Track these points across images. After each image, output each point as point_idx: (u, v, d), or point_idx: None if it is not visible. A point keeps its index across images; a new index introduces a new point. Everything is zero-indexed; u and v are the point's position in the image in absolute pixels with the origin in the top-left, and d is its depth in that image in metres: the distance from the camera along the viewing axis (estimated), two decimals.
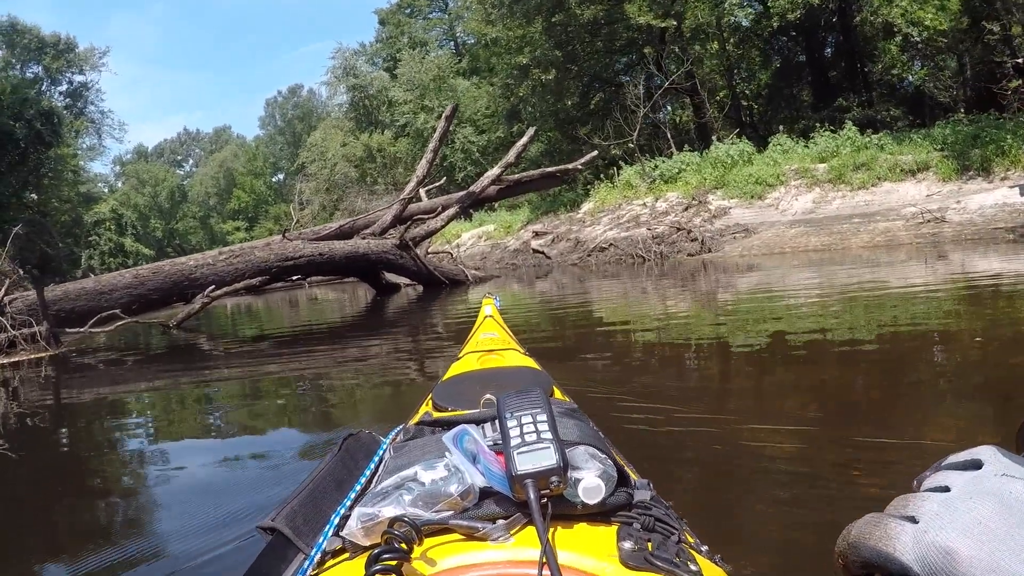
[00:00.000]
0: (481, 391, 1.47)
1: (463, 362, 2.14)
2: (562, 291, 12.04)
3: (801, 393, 3.66)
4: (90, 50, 44.02)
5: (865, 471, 2.35)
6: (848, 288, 7.84)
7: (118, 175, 73.61)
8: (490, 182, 14.04)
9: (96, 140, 46.26)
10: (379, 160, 41.93)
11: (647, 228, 17.68)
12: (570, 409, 1.19)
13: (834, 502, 2.14)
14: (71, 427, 4.80)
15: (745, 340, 5.36)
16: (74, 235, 41.61)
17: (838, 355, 4.48)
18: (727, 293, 9.04)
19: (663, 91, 23.87)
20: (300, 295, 18.88)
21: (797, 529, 2.03)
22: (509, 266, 19.75)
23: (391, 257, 11.99)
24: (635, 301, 9.33)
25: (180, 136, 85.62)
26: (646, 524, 0.94)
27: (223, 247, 13.72)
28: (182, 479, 3.24)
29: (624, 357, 5.21)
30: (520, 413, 0.98)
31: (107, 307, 9.25)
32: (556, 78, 25.43)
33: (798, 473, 2.43)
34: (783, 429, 2.94)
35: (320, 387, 5.38)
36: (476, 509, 0.93)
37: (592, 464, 0.96)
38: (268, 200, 65.98)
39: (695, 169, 20.38)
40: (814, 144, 19.23)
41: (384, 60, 48.00)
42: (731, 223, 17.45)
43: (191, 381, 6.34)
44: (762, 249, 15.38)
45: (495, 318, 2.82)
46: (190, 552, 2.21)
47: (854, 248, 13.86)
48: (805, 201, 17.54)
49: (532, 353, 2.35)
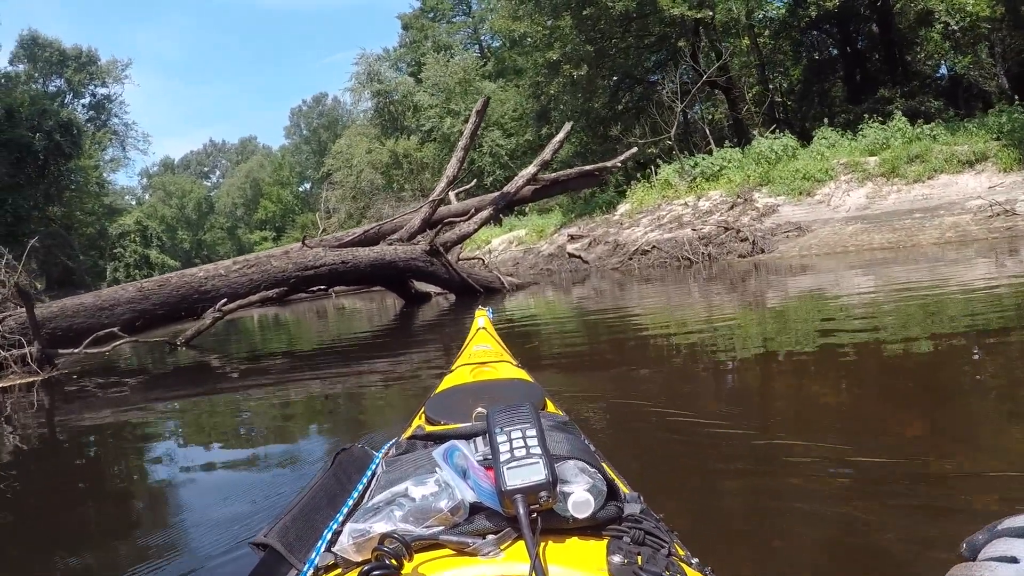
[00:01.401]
0: (473, 404, 1.47)
1: (456, 375, 2.13)
2: (602, 297, 11.13)
3: (856, 411, 3.35)
4: (112, 62, 44.06)
5: (907, 495, 2.13)
6: (923, 289, 7.02)
7: (145, 187, 73.92)
8: (525, 182, 13.00)
9: (120, 152, 46.15)
10: (405, 166, 41.24)
11: (691, 229, 16.58)
12: (561, 423, 1.21)
13: (871, 528, 1.95)
14: (44, 463, 4.24)
15: (804, 348, 4.96)
16: (99, 247, 41.33)
17: (910, 366, 4.05)
18: (789, 298, 8.10)
19: (699, 86, 22.92)
20: (327, 305, 18.03)
21: (829, 551, 1.91)
22: (544, 272, 18.74)
23: (420, 264, 10.95)
24: (681, 307, 8.48)
25: (206, 147, 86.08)
26: (636, 538, 0.94)
27: (238, 257, 12.78)
28: (174, 498, 3.19)
29: (668, 367, 4.88)
30: (510, 428, 0.99)
31: (108, 324, 8.32)
32: (588, 75, 24.42)
33: (836, 495, 2.22)
34: (837, 448, 2.61)
35: (340, 414, 4.76)
36: (466, 524, 0.94)
37: (581, 478, 0.98)
38: (295, 209, 65.92)
39: (737, 166, 19.42)
40: (862, 136, 18.36)
41: (408, 65, 47.54)
42: (781, 221, 16.52)
43: (195, 406, 5.67)
44: (820, 248, 14.32)
45: (488, 330, 2.77)
46: (182, 568, 2.17)
47: (924, 245, 12.82)
48: (858, 196, 16.54)
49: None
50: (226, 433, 4.54)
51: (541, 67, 26.33)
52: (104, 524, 2.98)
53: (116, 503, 3.26)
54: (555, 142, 13.35)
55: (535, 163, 13.18)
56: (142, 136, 53.92)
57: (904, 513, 2.00)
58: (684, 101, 22.35)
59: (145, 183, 74.59)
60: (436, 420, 1.55)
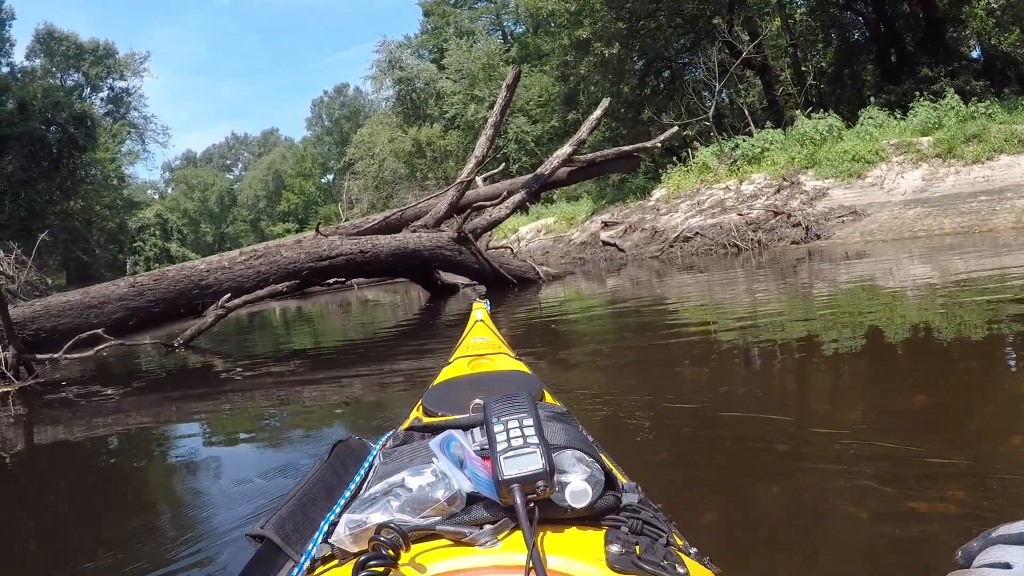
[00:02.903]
0: (471, 395, 1.46)
1: (453, 367, 2.13)
2: (640, 288, 10.15)
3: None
4: (130, 55, 43.54)
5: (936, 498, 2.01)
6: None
7: (168, 181, 73.83)
8: (560, 162, 11.89)
9: (139, 145, 45.59)
10: (429, 154, 40.46)
11: (737, 214, 15.42)
12: (559, 413, 1.19)
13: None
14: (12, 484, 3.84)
15: (853, 346, 4.47)
16: (119, 241, 40.72)
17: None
18: (843, 289, 7.19)
19: (738, 64, 21.90)
20: (351, 297, 17.20)
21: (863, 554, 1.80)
22: (576, 261, 17.70)
23: (448, 253, 9.86)
24: (723, 299, 7.63)
25: (228, 140, 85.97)
26: (634, 527, 0.94)
27: (245, 247, 11.72)
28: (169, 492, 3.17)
29: (708, 363, 4.49)
30: (507, 418, 0.99)
31: (98, 324, 7.34)
32: (618, 53, 23.26)
33: (884, 496, 2.08)
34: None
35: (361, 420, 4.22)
36: (463, 514, 0.93)
37: (579, 468, 0.97)
38: (318, 201, 65.41)
39: (780, 148, 18.48)
40: (913, 115, 17.40)
41: (430, 52, 46.63)
42: (834, 205, 15.48)
43: (188, 419, 5.02)
44: (883, 234, 13.15)
45: (486, 322, 2.70)
46: (179, 559, 2.17)
47: (1002, 229, 11.66)
48: (913, 179, 15.53)
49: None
50: (217, 459, 3.82)
51: (569, 47, 25.33)
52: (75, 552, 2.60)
53: (86, 529, 2.90)
54: (592, 119, 12.25)
55: (570, 142, 12.08)
56: (161, 129, 53.10)
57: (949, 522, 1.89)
58: (722, 80, 21.43)
59: (168, 177, 74.42)
60: (433, 412, 1.53)
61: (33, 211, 28.57)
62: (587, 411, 3.29)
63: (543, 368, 4.56)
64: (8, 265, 16.12)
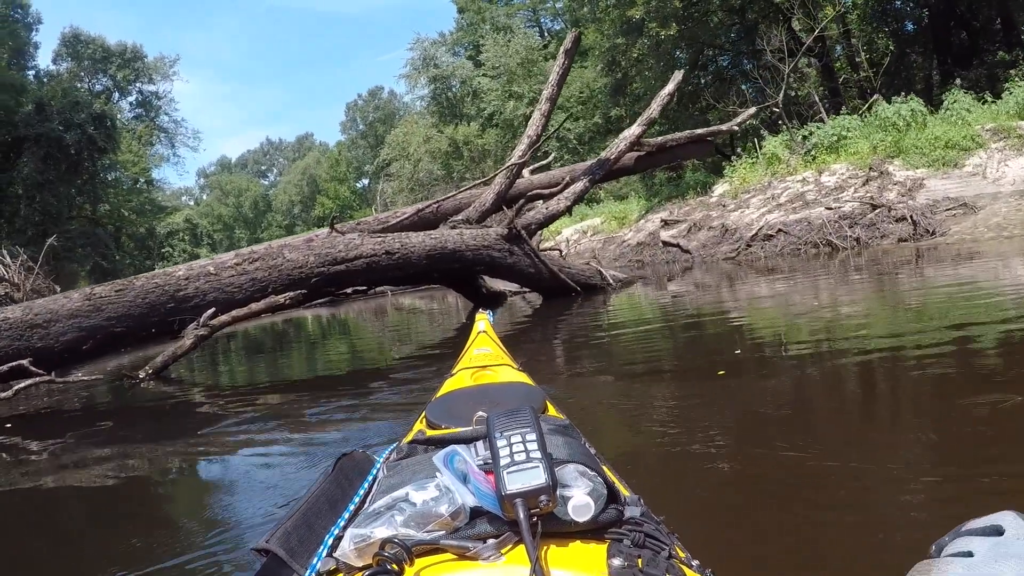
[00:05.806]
0: (474, 408, 1.44)
1: (456, 379, 2.10)
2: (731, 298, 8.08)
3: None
4: (160, 59, 42.50)
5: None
6: None
7: (202, 187, 73.42)
8: (628, 145, 9.89)
9: (169, 149, 44.46)
10: (466, 154, 38.81)
11: (825, 208, 13.32)
12: (561, 426, 1.18)
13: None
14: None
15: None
16: (147, 247, 39.55)
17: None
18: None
19: (807, 45, 20.19)
20: (386, 304, 15.50)
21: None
22: (634, 264, 15.77)
23: (496, 254, 7.88)
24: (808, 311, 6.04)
25: (263, 146, 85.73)
26: (636, 540, 0.92)
27: (241, 249, 9.82)
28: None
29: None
30: (510, 432, 0.97)
31: (42, 349, 5.58)
32: (675, 35, 21.31)
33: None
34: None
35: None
36: (467, 529, 0.92)
37: (581, 482, 0.96)
38: (353, 205, 64.41)
39: (860, 135, 16.73)
40: (1010, 96, 15.94)
41: (466, 49, 44.98)
42: (938, 197, 13.59)
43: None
44: (1009, 229, 11.01)
45: (488, 334, 2.62)
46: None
47: None
48: (1019, 167, 13.95)
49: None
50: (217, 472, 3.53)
51: (619, 29, 23.32)
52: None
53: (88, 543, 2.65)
54: (664, 94, 10.25)
55: (639, 121, 10.07)
56: (192, 133, 51.95)
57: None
58: (789, 64, 19.48)
59: (202, 183, 73.96)
60: (437, 424, 1.51)
61: (49, 214, 27.25)
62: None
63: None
64: (13, 272, 14.77)
